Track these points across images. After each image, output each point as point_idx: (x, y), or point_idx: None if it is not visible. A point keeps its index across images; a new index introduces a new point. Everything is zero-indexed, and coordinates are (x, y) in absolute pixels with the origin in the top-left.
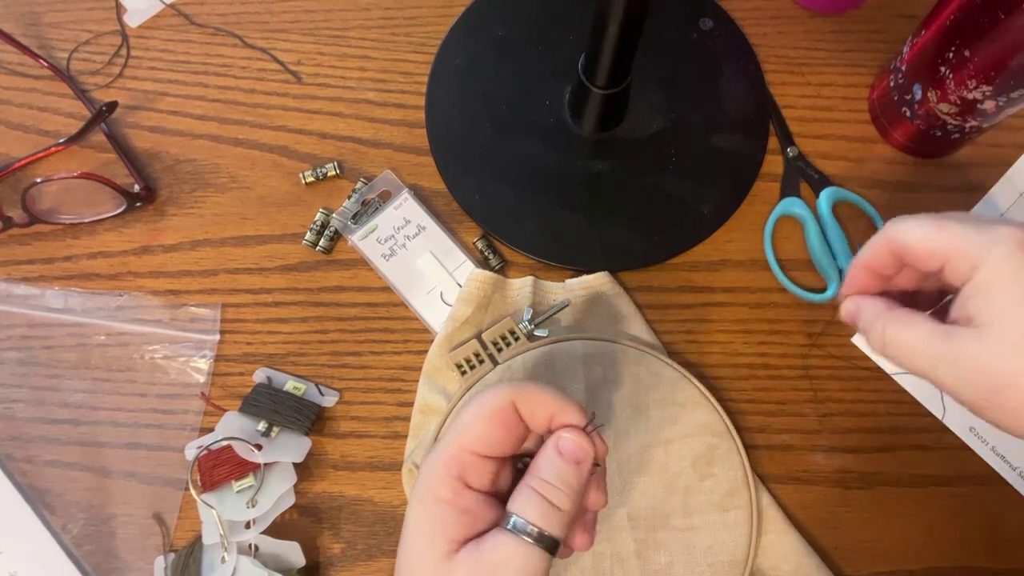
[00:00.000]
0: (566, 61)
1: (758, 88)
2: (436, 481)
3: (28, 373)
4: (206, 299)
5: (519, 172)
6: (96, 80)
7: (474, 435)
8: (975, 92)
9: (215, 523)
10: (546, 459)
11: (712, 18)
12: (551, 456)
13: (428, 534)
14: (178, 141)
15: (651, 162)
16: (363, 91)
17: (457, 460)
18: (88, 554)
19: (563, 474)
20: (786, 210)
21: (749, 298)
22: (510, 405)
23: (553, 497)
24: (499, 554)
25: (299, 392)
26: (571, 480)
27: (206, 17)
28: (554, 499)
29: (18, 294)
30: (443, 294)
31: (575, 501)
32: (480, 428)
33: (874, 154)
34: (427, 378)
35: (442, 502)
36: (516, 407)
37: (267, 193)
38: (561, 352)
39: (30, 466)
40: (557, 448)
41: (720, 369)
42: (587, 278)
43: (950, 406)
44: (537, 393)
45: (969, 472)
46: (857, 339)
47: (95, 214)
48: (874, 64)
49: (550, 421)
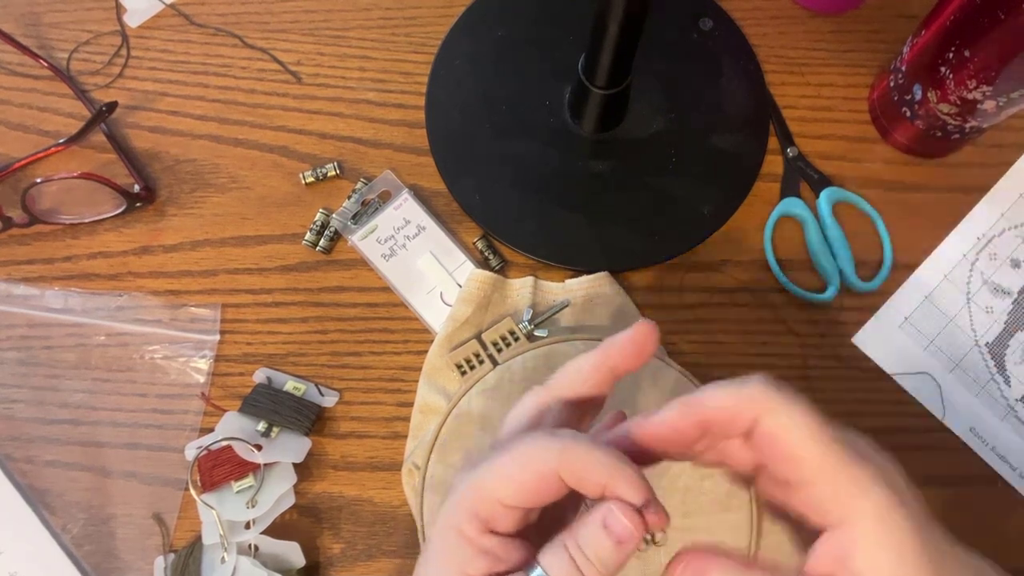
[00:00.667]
0: (566, 61)
1: (758, 88)
2: (461, 516)
3: (28, 373)
4: (206, 299)
5: (519, 172)
6: (96, 80)
7: (507, 492)
8: (975, 92)
9: (215, 523)
10: (590, 528)
11: (712, 18)
12: (596, 528)
13: (445, 566)
14: (178, 141)
15: (651, 162)
16: (363, 91)
17: (485, 505)
18: (88, 554)
19: (603, 551)
20: (786, 210)
21: (749, 298)
22: (553, 474)
23: (586, 570)
24: None
25: (299, 392)
26: (609, 559)
27: (206, 17)
28: (586, 571)
29: (18, 294)
30: (443, 294)
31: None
32: (515, 488)
33: (874, 154)
34: (427, 378)
35: (463, 539)
36: (560, 475)
37: (267, 193)
38: (561, 352)
39: (30, 466)
40: (604, 522)
41: (720, 369)
42: (587, 278)
43: (950, 406)
44: (589, 462)
45: (969, 472)
46: (857, 339)
47: (95, 214)
48: (874, 64)
49: (602, 489)
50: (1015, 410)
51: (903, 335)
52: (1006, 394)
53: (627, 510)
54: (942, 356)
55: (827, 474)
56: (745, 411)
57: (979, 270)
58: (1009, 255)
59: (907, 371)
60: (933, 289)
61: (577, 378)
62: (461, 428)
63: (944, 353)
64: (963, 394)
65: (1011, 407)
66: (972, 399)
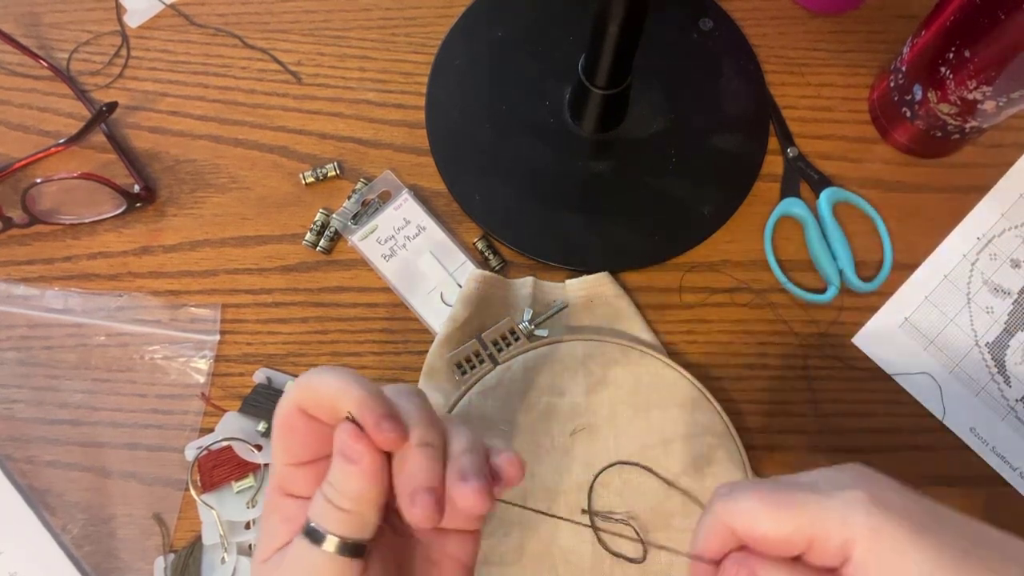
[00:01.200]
0: (566, 61)
1: (758, 88)
2: (267, 492)
3: (28, 374)
4: (206, 299)
5: (519, 172)
6: (96, 80)
7: (279, 452)
8: (975, 92)
9: (215, 523)
10: (333, 462)
11: (712, 18)
12: (336, 460)
13: (259, 543)
14: (178, 141)
15: (651, 162)
16: (363, 91)
17: (277, 473)
18: (88, 554)
19: (345, 479)
20: (786, 210)
21: (749, 298)
22: (295, 411)
23: (338, 501)
24: (293, 560)
25: None
26: (350, 484)
27: (206, 17)
28: (340, 503)
29: (18, 294)
30: (443, 294)
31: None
32: (281, 445)
33: (874, 154)
34: (427, 378)
35: (269, 512)
36: (305, 410)
37: (267, 193)
38: (561, 352)
39: (30, 466)
40: (339, 450)
41: (720, 370)
42: (587, 278)
43: (950, 406)
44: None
45: (969, 472)
46: (857, 339)
47: (95, 214)
48: (874, 64)
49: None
50: (1015, 410)
51: (903, 335)
52: (1006, 394)
53: (348, 429)
54: (942, 356)
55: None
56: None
57: (979, 270)
58: (1009, 255)
59: (907, 371)
60: (933, 289)
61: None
62: None
63: (944, 353)
64: (963, 394)
65: (1011, 407)
66: (972, 399)
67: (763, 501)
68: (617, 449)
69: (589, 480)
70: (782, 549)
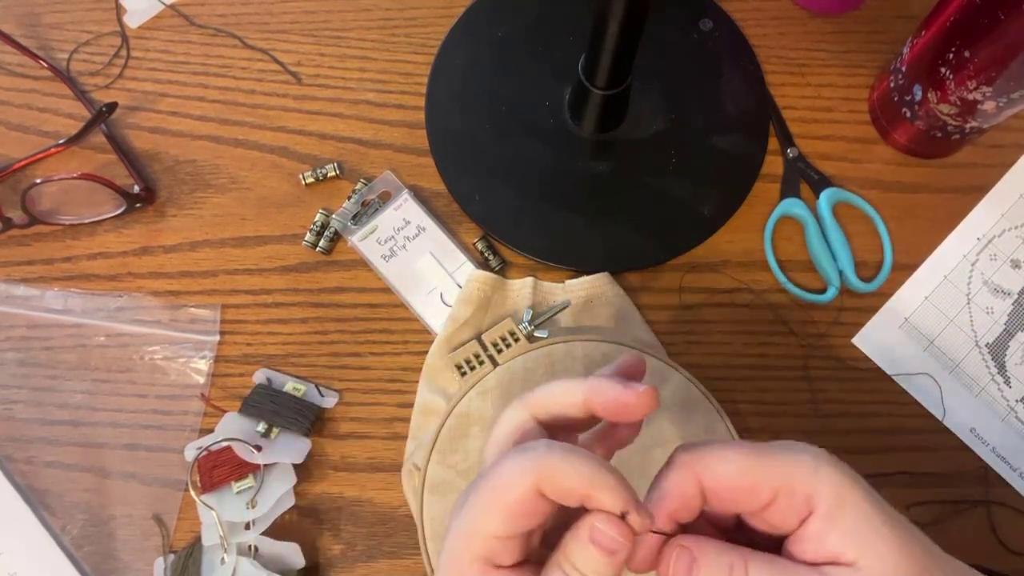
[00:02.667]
0: (566, 62)
1: (758, 89)
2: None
3: (28, 374)
4: (206, 300)
5: (519, 173)
6: (96, 81)
7: (495, 525)
8: (975, 93)
9: (215, 524)
10: (579, 545)
11: (712, 19)
12: (584, 544)
13: None
14: (178, 142)
15: (651, 163)
16: (363, 92)
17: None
18: (88, 555)
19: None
20: (786, 211)
21: (749, 299)
22: (532, 492)
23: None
24: None
25: (299, 393)
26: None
27: (206, 18)
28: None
29: (18, 295)
30: (443, 295)
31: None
32: (501, 519)
33: (874, 155)
34: (427, 379)
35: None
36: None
37: (267, 194)
38: (561, 353)
39: (30, 467)
40: (590, 537)
41: (720, 370)
42: (587, 279)
43: (950, 407)
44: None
45: (969, 472)
46: (857, 340)
47: (95, 215)
48: (874, 65)
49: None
50: (1015, 411)
51: (903, 336)
52: (1006, 395)
53: (610, 520)
54: (942, 357)
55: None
56: (689, 489)
57: (979, 271)
58: (1009, 256)
59: (907, 372)
60: (933, 290)
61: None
62: (461, 429)
63: (944, 354)
64: (963, 395)
65: (1011, 408)
66: (972, 400)
67: (734, 449)
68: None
69: None
70: (745, 501)
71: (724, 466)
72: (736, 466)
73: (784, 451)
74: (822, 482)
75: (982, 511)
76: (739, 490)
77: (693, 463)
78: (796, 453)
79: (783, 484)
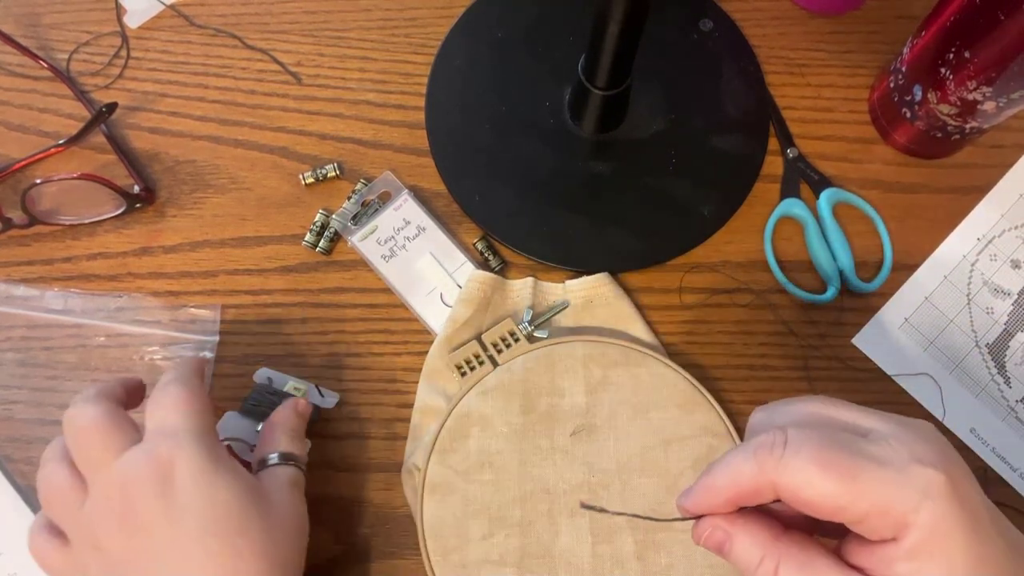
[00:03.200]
0: (566, 62)
1: (758, 89)
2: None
3: (28, 374)
4: (206, 300)
5: (519, 173)
6: (96, 81)
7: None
8: (975, 93)
9: None
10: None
11: (712, 19)
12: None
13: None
14: (178, 142)
15: (651, 163)
16: (363, 92)
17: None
18: None
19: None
20: (786, 211)
21: (749, 299)
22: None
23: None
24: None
25: (299, 393)
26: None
27: (206, 18)
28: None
29: (18, 295)
30: (443, 295)
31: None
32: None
33: (874, 155)
34: (427, 379)
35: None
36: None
37: (267, 194)
38: (561, 353)
39: (30, 467)
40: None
41: (720, 370)
42: (587, 279)
43: (950, 407)
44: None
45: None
46: (857, 340)
47: (95, 215)
48: (874, 65)
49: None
50: (1015, 411)
51: (903, 336)
52: (1006, 395)
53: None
54: (942, 357)
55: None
56: (760, 486)
57: (979, 271)
58: (1009, 256)
59: (907, 372)
60: (933, 290)
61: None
62: (461, 429)
63: (944, 354)
64: (963, 395)
65: (1011, 408)
66: (972, 400)
67: (823, 467)
68: (617, 450)
69: (590, 480)
70: (827, 515)
71: (808, 491)
72: (822, 493)
73: (889, 476)
74: (921, 518)
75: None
76: (822, 510)
77: (771, 470)
78: (900, 477)
79: (877, 509)
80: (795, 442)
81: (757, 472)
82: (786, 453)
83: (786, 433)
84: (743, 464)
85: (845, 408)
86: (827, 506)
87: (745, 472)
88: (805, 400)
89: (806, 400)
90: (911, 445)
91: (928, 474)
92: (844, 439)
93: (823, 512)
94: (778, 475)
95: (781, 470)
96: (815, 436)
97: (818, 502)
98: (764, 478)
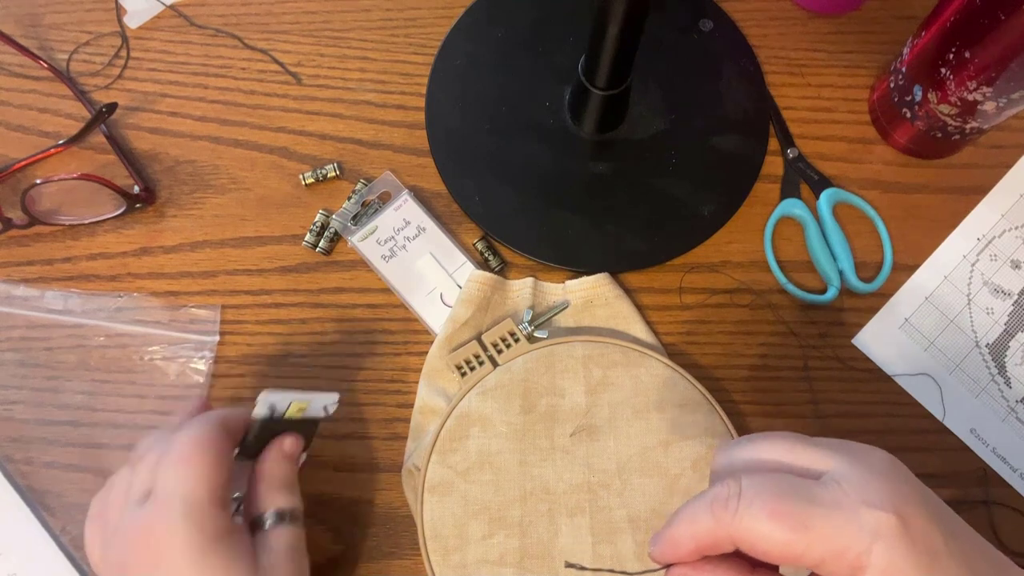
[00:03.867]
0: (566, 62)
1: (758, 89)
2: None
3: (27, 374)
4: (206, 300)
5: (519, 173)
6: (96, 81)
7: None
8: (975, 93)
9: None
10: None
11: (712, 19)
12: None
13: None
14: (178, 142)
15: (651, 163)
16: (363, 92)
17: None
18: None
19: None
20: (786, 211)
21: (749, 299)
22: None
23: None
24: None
25: (301, 413)
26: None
27: (206, 18)
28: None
29: (18, 295)
30: (443, 295)
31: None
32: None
33: (874, 155)
34: (427, 379)
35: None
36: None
37: (267, 194)
38: (561, 353)
39: (29, 467)
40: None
41: (720, 371)
42: (587, 279)
43: (950, 407)
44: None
45: (969, 473)
46: (858, 340)
47: (95, 215)
48: (874, 65)
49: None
50: (1015, 411)
51: (903, 336)
52: (1006, 395)
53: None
54: (942, 357)
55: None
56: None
57: (979, 271)
58: (1009, 256)
59: (907, 372)
60: (933, 290)
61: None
62: (461, 429)
63: (944, 354)
64: (963, 395)
65: (1011, 408)
66: (972, 400)
67: (777, 518)
68: (617, 450)
69: (590, 481)
70: (786, 563)
71: (763, 544)
72: (777, 544)
73: (841, 520)
74: (873, 559)
75: (982, 511)
76: (780, 559)
77: (727, 524)
78: (851, 521)
79: (831, 554)
80: (748, 494)
81: (714, 526)
82: (740, 506)
83: (740, 484)
84: (701, 518)
85: (801, 447)
86: (784, 554)
87: (703, 526)
88: (763, 440)
89: (764, 440)
90: (862, 487)
91: (877, 516)
92: (797, 486)
93: (781, 560)
94: (734, 529)
95: (736, 524)
96: (769, 486)
97: (775, 552)
98: (722, 532)
